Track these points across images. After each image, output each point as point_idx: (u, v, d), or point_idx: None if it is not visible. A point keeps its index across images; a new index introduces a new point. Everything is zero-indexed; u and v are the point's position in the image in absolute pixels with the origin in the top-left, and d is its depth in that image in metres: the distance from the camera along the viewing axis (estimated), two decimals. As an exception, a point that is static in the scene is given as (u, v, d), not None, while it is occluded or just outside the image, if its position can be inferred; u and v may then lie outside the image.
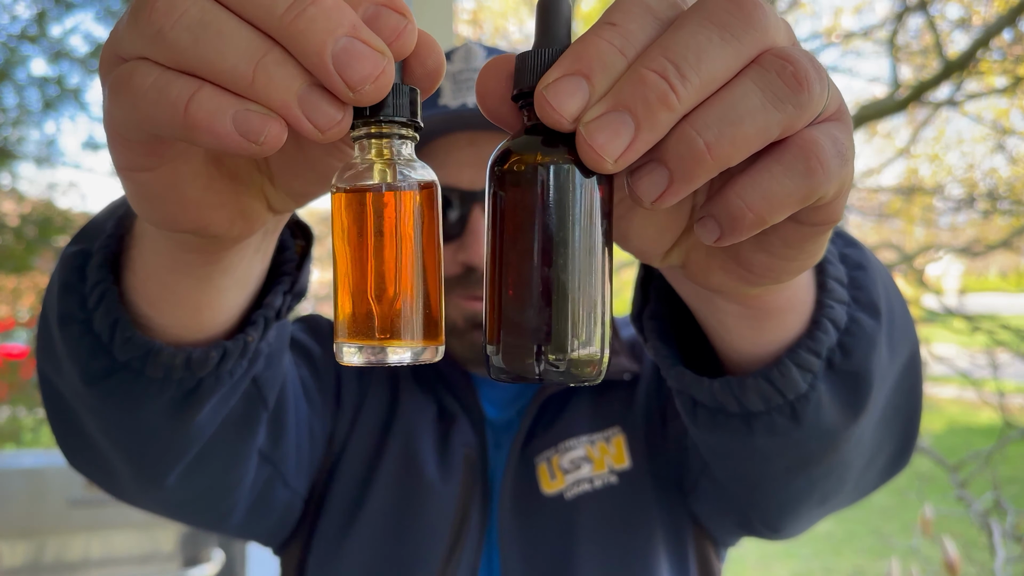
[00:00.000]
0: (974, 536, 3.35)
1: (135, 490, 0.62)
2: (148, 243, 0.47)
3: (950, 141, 4.96)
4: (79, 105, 4.02)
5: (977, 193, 4.32)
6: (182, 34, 0.30)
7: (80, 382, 0.51)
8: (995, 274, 5.98)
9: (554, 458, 0.78)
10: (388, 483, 0.77)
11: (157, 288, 0.48)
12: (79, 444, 0.60)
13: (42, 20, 3.77)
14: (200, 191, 0.38)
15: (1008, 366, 3.63)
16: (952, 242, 4.67)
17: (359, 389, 0.83)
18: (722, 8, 0.31)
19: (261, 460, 0.68)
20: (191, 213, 0.38)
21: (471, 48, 0.77)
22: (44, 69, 4.35)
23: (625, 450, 0.78)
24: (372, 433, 0.80)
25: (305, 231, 0.57)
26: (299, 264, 0.54)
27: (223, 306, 0.49)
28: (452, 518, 0.75)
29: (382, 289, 0.34)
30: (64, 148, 5.24)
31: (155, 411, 0.51)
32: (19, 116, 3.91)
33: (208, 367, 0.49)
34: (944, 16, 3.60)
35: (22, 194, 4.00)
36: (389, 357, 0.34)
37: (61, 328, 0.50)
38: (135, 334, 0.48)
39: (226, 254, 0.44)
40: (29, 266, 3.89)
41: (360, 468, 0.79)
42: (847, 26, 4.28)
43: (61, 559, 2.22)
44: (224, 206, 0.39)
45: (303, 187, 0.42)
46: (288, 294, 0.53)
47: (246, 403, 0.59)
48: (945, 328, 3.70)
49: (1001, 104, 4.30)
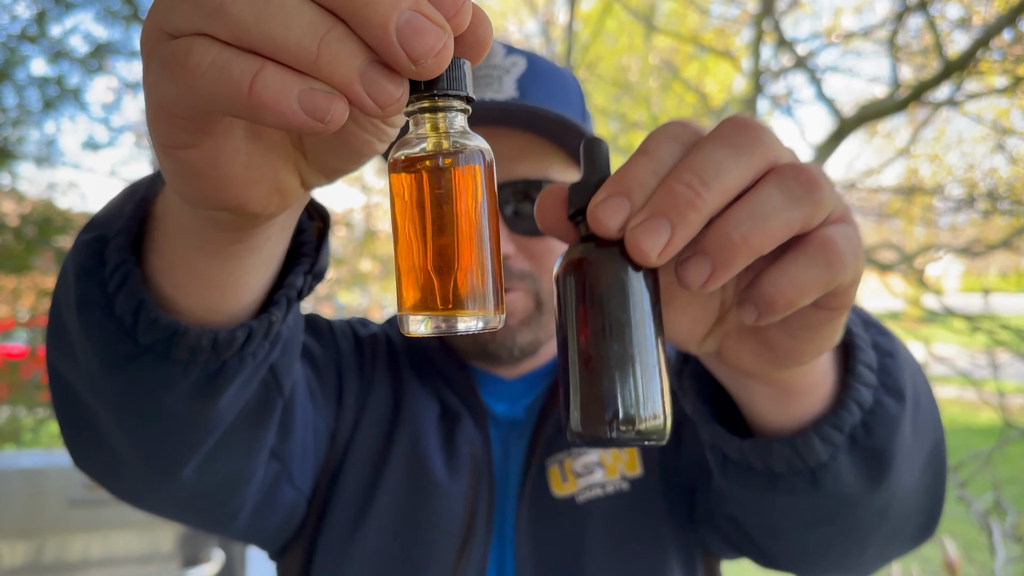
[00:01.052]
0: (974, 536, 3.35)
1: (145, 487, 0.61)
2: (174, 223, 0.46)
3: (950, 141, 4.96)
4: (79, 105, 4.02)
5: (977, 193, 4.31)
6: (245, 10, 0.30)
7: (101, 370, 0.50)
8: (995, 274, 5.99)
9: (566, 461, 0.78)
10: (396, 483, 0.77)
11: (183, 269, 0.47)
12: (89, 440, 0.58)
13: (42, 20, 3.76)
14: (241, 168, 0.37)
15: (1008, 366, 3.63)
16: (952, 242, 4.66)
17: (361, 389, 0.82)
18: (734, 131, 0.39)
19: (270, 456, 0.67)
20: (232, 190, 0.38)
21: (491, 47, 0.77)
22: (44, 69, 4.36)
23: (637, 457, 0.80)
24: (377, 433, 0.80)
25: (322, 212, 0.56)
26: (317, 245, 0.54)
27: (247, 286, 0.49)
28: (461, 516, 0.76)
29: (446, 260, 0.35)
30: (64, 148, 5.24)
31: (178, 396, 0.51)
32: (19, 116, 3.91)
33: (234, 348, 0.49)
34: (944, 16, 3.60)
35: (22, 194, 4.00)
36: (458, 325, 0.35)
37: (80, 314, 0.49)
38: (160, 315, 0.47)
39: (255, 232, 0.44)
40: (29, 266, 3.88)
41: (367, 468, 0.78)
42: (847, 26, 4.27)
43: (61, 559, 2.23)
44: (263, 182, 0.39)
45: (336, 163, 0.41)
46: (308, 274, 0.53)
47: (264, 390, 0.59)
48: (945, 328, 3.70)
49: (1001, 104, 4.30)
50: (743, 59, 4.68)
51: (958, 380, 3.72)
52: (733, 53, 4.73)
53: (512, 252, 0.76)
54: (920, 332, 4.05)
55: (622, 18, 5.31)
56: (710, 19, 4.84)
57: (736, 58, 4.71)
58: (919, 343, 4.04)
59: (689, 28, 4.95)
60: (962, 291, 6.03)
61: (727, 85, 5.21)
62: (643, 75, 5.21)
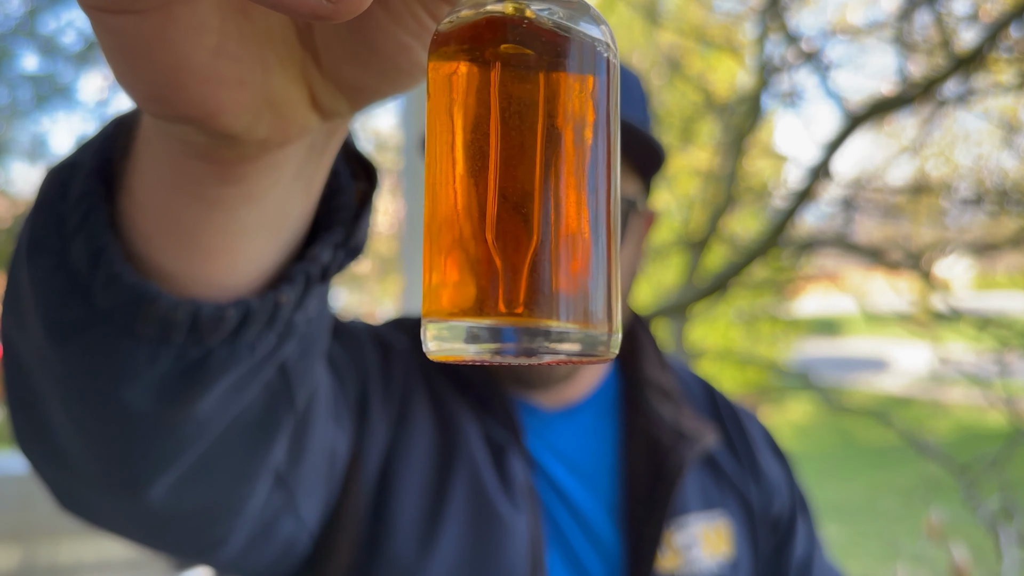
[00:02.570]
0: (981, 540, 3.31)
1: (103, 502, 0.46)
2: (147, 147, 0.34)
3: (958, 138, 4.90)
4: (71, 102, 4.00)
5: (984, 191, 4.26)
6: None
7: (45, 338, 0.38)
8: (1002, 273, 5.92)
9: (666, 533, 0.73)
10: (461, 519, 0.69)
11: (156, 215, 0.35)
12: (35, 433, 0.45)
13: (34, 16, 3.74)
14: (207, 53, 0.26)
15: (1017, 368, 3.59)
16: (960, 240, 4.61)
17: (390, 406, 0.71)
18: None
19: (276, 483, 0.53)
20: (194, 87, 0.26)
21: None
22: (36, 65, 4.33)
23: (730, 538, 0.76)
24: (428, 459, 0.71)
25: (368, 170, 0.42)
26: (357, 213, 0.41)
27: (246, 251, 0.36)
28: (526, 555, 0.70)
29: (523, 224, 0.19)
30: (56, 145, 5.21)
31: (142, 389, 0.38)
32: (11, 113, 3.89)
33: (222, 332, 0.36)
34: (951, 13, 3.54)
35: (14, 196, 3.99)
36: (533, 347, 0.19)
37: (29, 260, 0.37)
38: (125, 269, 0.35)
39: (249, 171, 0.31)
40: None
41: (423, 502, 0.69)
42: (854, 21, 4.22)
43: (53, 563, 2.21)
44: (244, 85, 0.27)
45: (360, 75, 0.29)
46: (340, 249, 0.40)
47: (268, 398, 0.45)
48: (953, 329, 3.66)
49: (1009, 101, 4.24)
50: (748, 54, 4.63)
51: (965, 382, 3.68)
52: (738, 48, 4.68)
53: None
54: (928, 333, 4.00)
55: (624, 13, 5.25)
56: (714, 14, 4.79)
57: (741, 53, 4.66)
58: (927, 344, 3.99)
59: (693, 23, 4.90)
60: (975, 288, 5.99)
61: (732, 80, 5.15)
62: (646, 71, 5.16)
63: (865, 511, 6.02)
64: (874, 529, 4.88)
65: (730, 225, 4.71)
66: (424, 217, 0.22)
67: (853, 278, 4.46)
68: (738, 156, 4.26)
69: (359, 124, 5.29)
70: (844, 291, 4.24)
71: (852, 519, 5.08)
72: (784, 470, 0.85)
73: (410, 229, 2.10)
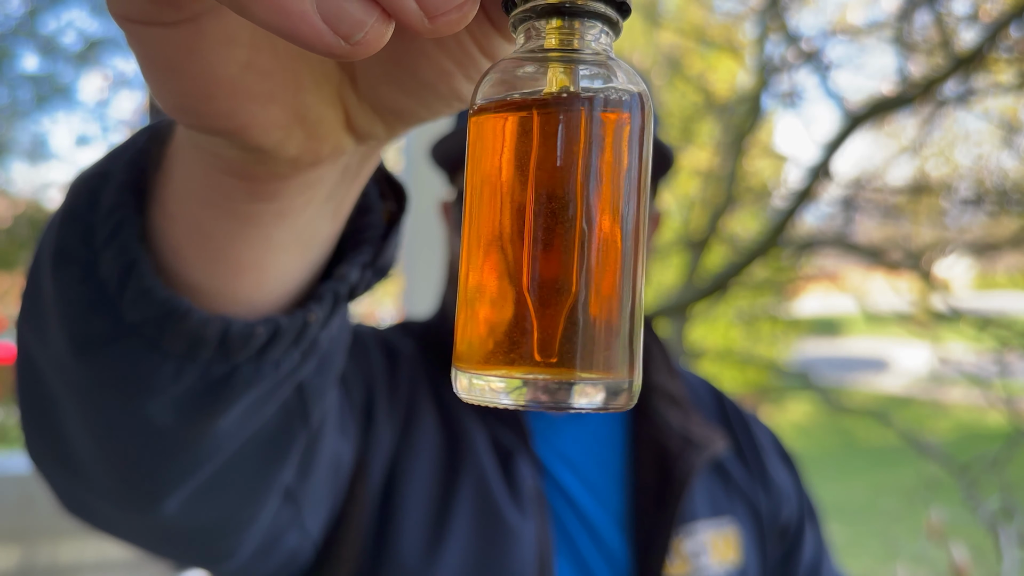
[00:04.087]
0: (981, 540, 3.31)
1: (114, 512, 0.46)
2: (180, 160, 0.34)
3: (958, 138, 4.90)
4: (71, 102, 4.00)
5: (984, 191, 4.27)
6: None
7: (68, 350, 0.37)
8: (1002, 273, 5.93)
9: (675, 540, 0.73)
10: (468, 524, 0.69)
11: (187, 228, 0.35)
12: (48, 437, 0.44)
13: (34, 16, 3.75)
14: (238, 68, 0.26)
15: (1017, 368, 3.59)
16: (960, 240, 4.62)
17: (395, 411, 0.71)
18: None
19: (285, 498, 0.53)
20: (223, 99, 0.26)
21: None
22: (36, 66, 4.34)
23: (739, 546, 0.76)
24: (434, 465, 0.70)
25: (397, 190, 0.43)
26: (385, 233, 0.41)
27: (275, 268, 0.36)
28: (534, 562, 0.69)
29: (561, 276, 0.20)
30: (56, 145, 5.21)
31: (165, 404, 0.38)
32: (11, 113, 3.90)
33: (251, 349, 0.36)
34: (951, 13, 3.54)
35: (14, 196, 4.00)
36: (568, 396, 0.20)
37: (55, 270, 0.36)
38: (156, 285, 0.34)
39: (281, 188, 0.31)
40: (21, 265, 3.87)
41: (430, 507, 0.68)
42: (854, 21, 4.22)
43: (54, 563, 2.23)
44: (275, 100, 0.27)
45: (398, 99, 0.29)
46: (368, 268, 0.40)
47: (284, 415, 0.45)
48: (953, 329, 3.67)
49: (1009, 101, 4.24)
50: (748, 54, 4.63)
51: (965, 382, 3.68)
52: (738, 48, 4.68)
53: None
54: (928, 333, 4.01)
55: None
56: (714, 14, 4.79)
57: (741, 53, 4.67)
58: (927, 344, 3.99)
59: (693, 23, 4.90)
60: (975, 288, 5.98)
61: (732, 80, 5.15)
62: (647, 71, 5.16)
63: (865, 511, 6.03)
64: (874, 529, 4.89)
65: (730, 225, 4.71)
66: (461, 265, 0.23)
67: (853, 278, 4.46)
68: (738, 156, 4.26)
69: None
70: (844, 291, 4.25)
71: (852, 519, 5.08)
72: (792, 476, 0.85)
73: (411, 229, 2.10)
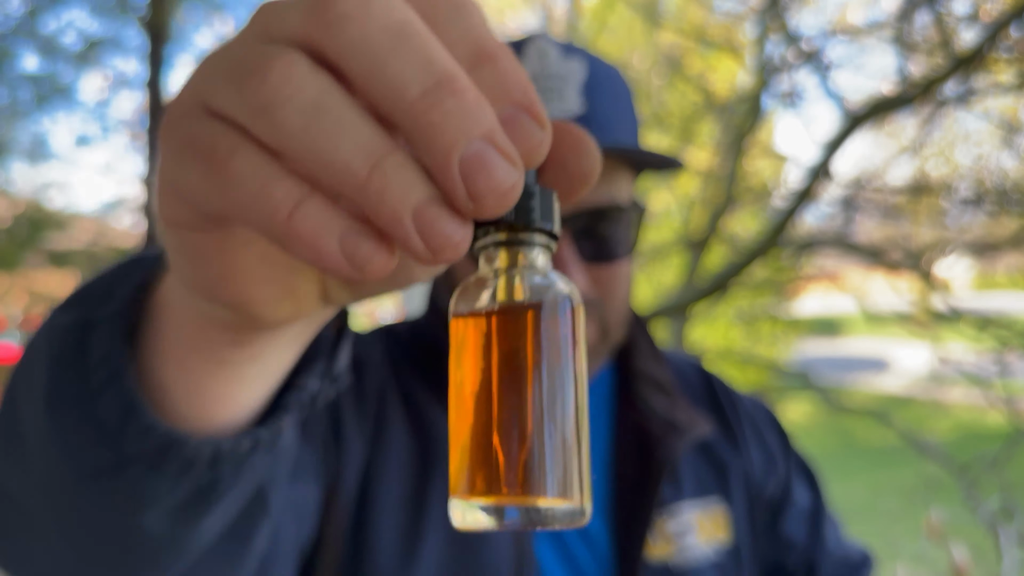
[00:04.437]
0: (980, 540, 3.32)
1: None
2: (172, 314, 0.39)
3: (958, 139, 4.91)
4: (71, 101, 4.00)
5: (984, 191, 4.27)
6: (293, 116, 0.25)
7: (69, 479, 0.41)
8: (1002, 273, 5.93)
9: (659, 521, 0.75)
10: (444, 525, 0.70)
11: (173, 370, 0.40)
12: (15, 555, 0.47)
13: (34, 16, 3.74)
14: (253, 260, 0.33)
15: (1018, 368, 3.59)
16: (960, 240, 4.62)
17: (364, 420, 0.73)
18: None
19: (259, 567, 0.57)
20: (237, 284, 0.33)
21: (542, 47, 0.70)
22: (37, 65, 4.34)
23: (728, 524, 0.77)
24: (407, 471, 0.72)
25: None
26: (335, 343, 0.47)
27: (246, 397, 0.42)
28: (511, 554, 0.71)
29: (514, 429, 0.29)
30: (56, 145, 5.21)
31: (160, 515, 0.42)
32: (11, 113, 3.89)
33: (236, 460, 0.42)
34: (951, 12, 3.54)
35: (13, 195, 3.99)
36: (537, 515, 0.29)
37: (50, 411, 0.40)
38: (156, 422, 0.39)
39: (259, 338, 0.37)
40: (21, 264, 3.87)
41: (403, 513, 0.70)
42: (854, 21, 4.23)
43: None
44: (273, 282, 0.34)
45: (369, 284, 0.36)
46: (325, 378, 0.46)
47: (247, 508, 0.50)
48: (953, 329, 3.68)
49: (1010, 101, 4.24)
50: (748, 54, 4.63)
51: (965, 382, 3.69)
52: (738, 48, 4.68)
53: (581, 280, 0.71)
54: (928, 333, 4.01)
55: (624, 13, 5.26)
56: (714, 13, 4.80)
57: (741, 53, 4.67)
58: (927, 344, 3.99)
59: (693, 22, 4.91)
60: (975, 288, 5.99)
61: (732, 80, 5.16)
62: (646, 70, 5.16)
63: (865, 511, 6.03)
64: (874, 529, 4.89)
65: (730, 225, 4.71)
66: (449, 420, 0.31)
67: (853, 278, 4.46)
68: (738, 156, 4.26)
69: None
70: (844, 291, 4.25)
71: (852, 519, 5.08)
72: (783, 445, 0.86)
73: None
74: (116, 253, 4.27)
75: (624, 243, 0.73)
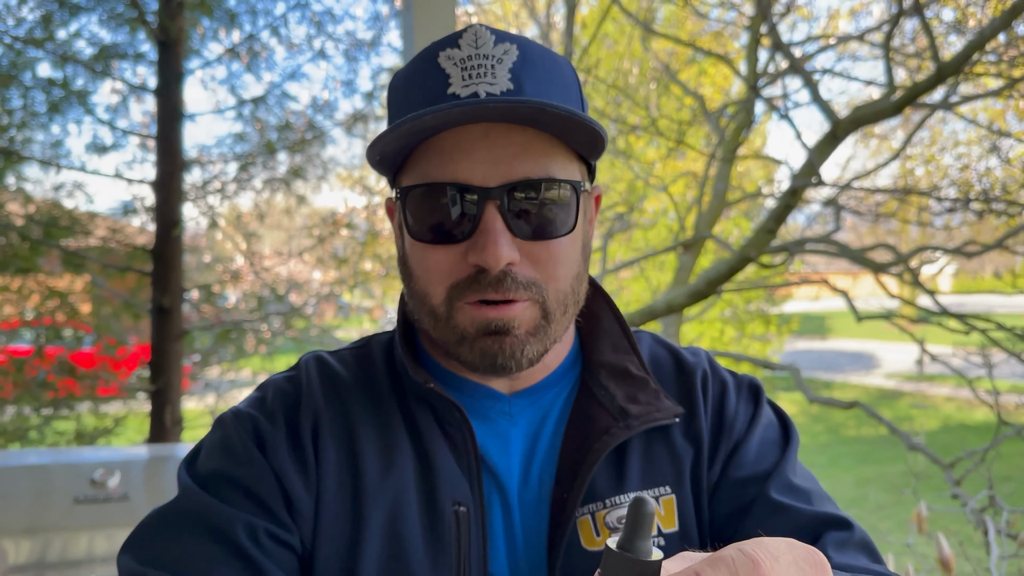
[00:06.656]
0: (969, 533, 3.37)
1: None
2: None
3: (945, 143, 4.99)
4: (84, 108, 4.04)
5: (972, 194, 4.34)
6: None
7: None
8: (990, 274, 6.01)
9: (599, 513, 0.73)
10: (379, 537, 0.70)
11: None
12: None
13: (48, 23, 3.79)
14: None
15: (1002, 365, 3.67)
16: (947, 243, 4.69)
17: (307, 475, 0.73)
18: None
19: None
20: None
21: (478, 31, 0.72)
22: (50, 72, 4.38)
23: (675, 513, 0.76)
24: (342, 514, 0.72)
25: None
26: None
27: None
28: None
29: None
30: (69, 150, 5.24)
31: None
32: (24, 118, 3.93)
33: None
34: (939, 19, 3.62)
35: (28, 195, 4.02)
36: None
37: None
38: None
39: None
40: (35, 266, 3.91)
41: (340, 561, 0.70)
42: (843, 29, 4.30)
43: (66, 556, 2.22)
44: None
45: None
46: None
47: None
48: (940, 328, 3.74)
49: (995, 106, 4.33)
50: (740, 62, 4.70)
51: (953, 379, 3.76)
52: (730, 56, 4.75)
53: (517, 259, 0.69)
54: (915, 332, 4.08)
55: (620, 22, 5.32)
56: (708, 23, 4.87)
57: (733, 61, 4.73)
58: (914, 343, 4.06)
59: (687, 32, 4.98)
60: (954, 292, 6.06)
61: (724, 88, 5.24)
62: (642, 78, 5.22)
63: (854, 504, 6.09)
64: (863, 522, 4.96)
65: (722, 228, 4.77)
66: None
67: (841, 279, 4.53)
68: (730, 161, 4.33)
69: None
70: (833, 291, 4.32)
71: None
72: (752, 409, 0.83)
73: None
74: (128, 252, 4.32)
75: (563, 222, 0.71)
